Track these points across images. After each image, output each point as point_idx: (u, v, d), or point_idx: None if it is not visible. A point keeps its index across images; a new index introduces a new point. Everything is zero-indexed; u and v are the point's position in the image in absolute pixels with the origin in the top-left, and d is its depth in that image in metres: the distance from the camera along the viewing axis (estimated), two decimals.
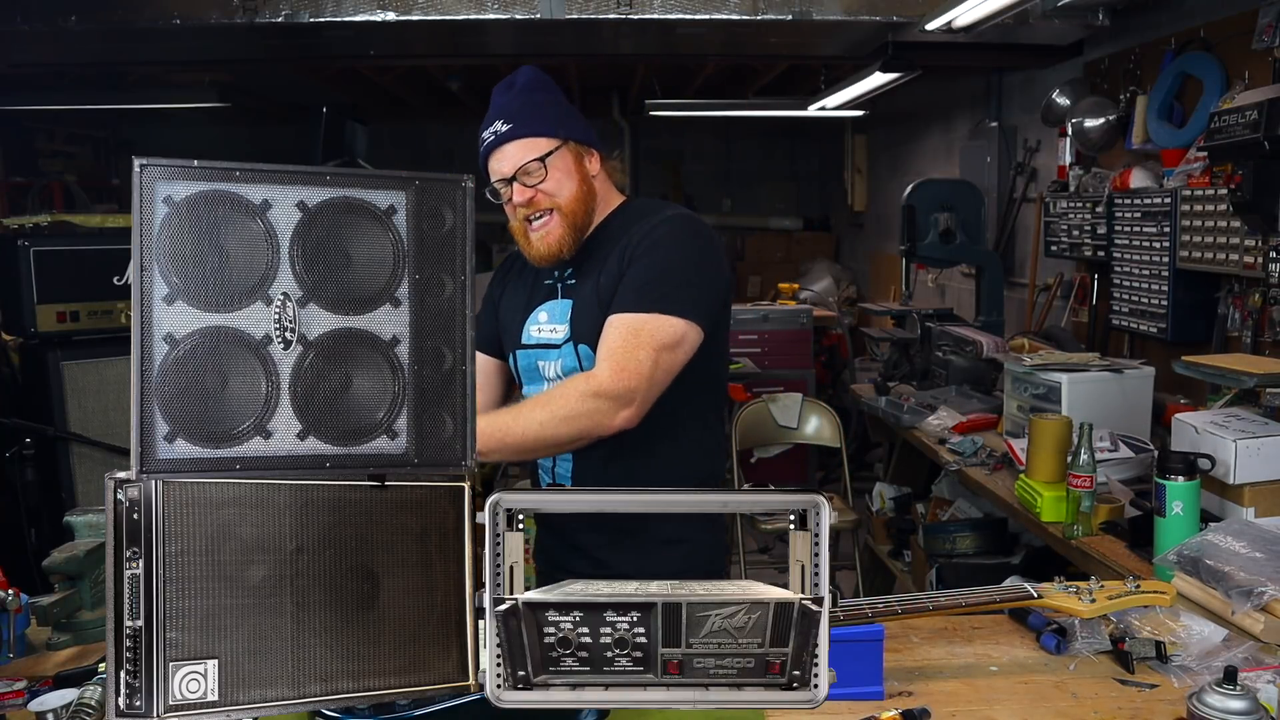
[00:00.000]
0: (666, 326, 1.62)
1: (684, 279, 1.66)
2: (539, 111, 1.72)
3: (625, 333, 1.62)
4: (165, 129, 8.02)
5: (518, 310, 1.84)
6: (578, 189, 1.72)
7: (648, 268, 1.65)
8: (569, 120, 1.75)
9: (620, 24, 3.64)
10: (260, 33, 3.72)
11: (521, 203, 1.70)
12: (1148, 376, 2.75)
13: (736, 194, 9.37)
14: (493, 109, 1.74)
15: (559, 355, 1.75)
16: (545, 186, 1.70)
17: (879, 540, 3.99)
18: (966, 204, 4.31)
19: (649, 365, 1.59)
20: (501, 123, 1.71)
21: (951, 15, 3.38)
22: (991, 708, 1.35)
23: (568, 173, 1.72)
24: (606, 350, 1.62)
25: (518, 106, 1.72)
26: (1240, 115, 2.44)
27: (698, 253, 1.70)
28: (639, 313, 1.62)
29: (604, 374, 1.58)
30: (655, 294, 1.63)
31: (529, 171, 1.69)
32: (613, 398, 1.56)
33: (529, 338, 1.80)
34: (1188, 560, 1.72)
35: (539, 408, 1.59)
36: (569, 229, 1.72)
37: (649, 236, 1.69)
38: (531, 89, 1.74)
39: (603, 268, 1.72)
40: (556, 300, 1.78)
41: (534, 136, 1.70)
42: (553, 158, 1.70)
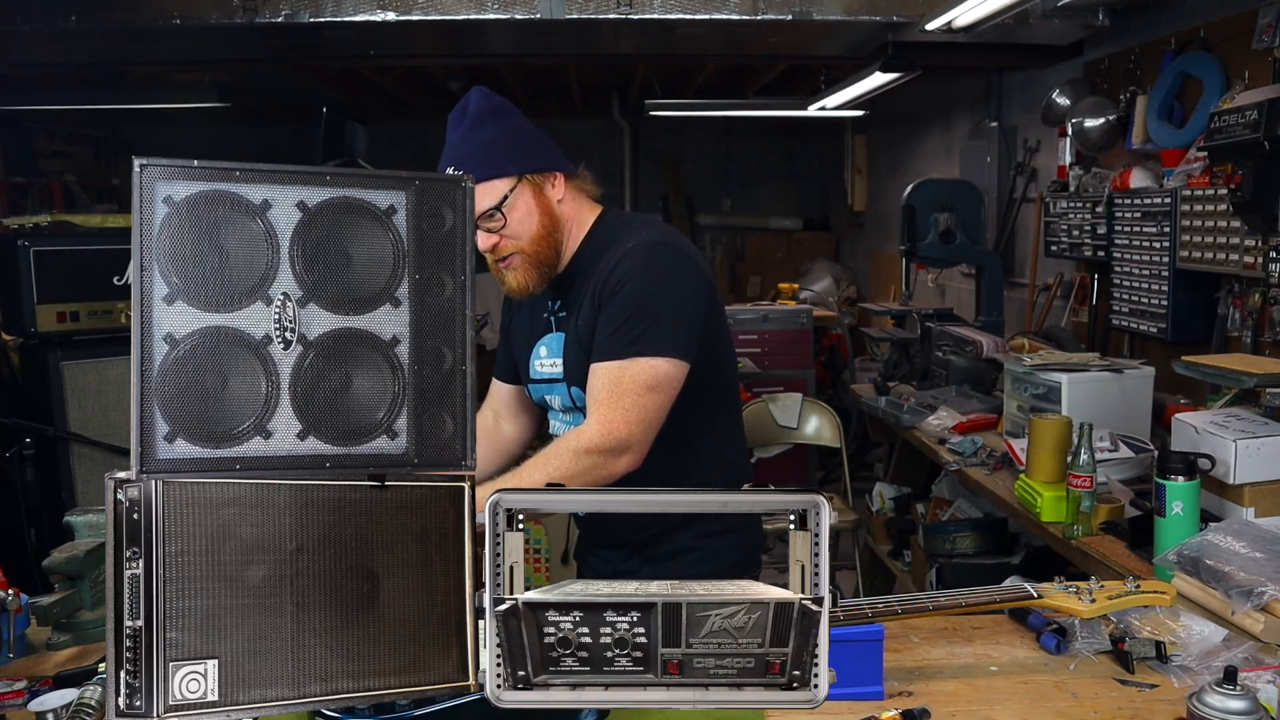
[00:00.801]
0: (646, 370, 1.60)
1: (656, 316, 1.62)
2: (489, 151, 1.66)
3: (608, 382, 1.61)
4: (165, 129, 8.03)
5: (523, 343, 1.85)
6: (539, 226, 1.68)
7: (619, 311, 1.63)
8: (522, 150, 1.69)
9: (620, 24, 3.64)
10: (260, 33, 3.72)
11: (486, 249, 1.68)
12: (1148, 376, 2.75)
13: (736, 194, 9.37)
14: (447, 147, 1.69)
15: (559, 391, 1.77)
16: (506, 231, 1.67)
17: (879, 540, 3.99)
18: (966, 204, 4.30)
19: (636, 411, 1.59)
20: (452, 169, 1.65)
21: (951, 15, 3.38)
22: (991, 708, 1.35)
23: (528, 211, 1.67)
24: (592, 403, 1.63)
25: (469, 149, 1.66)
26: (1240, 115, 2.44)
27: (664, 285, 1.65)
28: (617, 359, 1.61)
29: (592, 430, 1.59)
30: (629, 337, 1.61)
31: (488, 217, 1.65)
32: (605, 451, 1.58)
33: (535, 372, 1.81)
34: (1188, 560, 1.72)
35: (537, 470, 1.59)
36: (535, 267, 1.70)
37: (614, 274, 1.65)
38: (480, 122, 1.68)
39: (580, 305, 1.71)
40: (552, 333, 1.79)
41: (487, 180, 1.64)
42: (509, 201, 1.65)
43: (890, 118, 7.00)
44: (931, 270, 5.47)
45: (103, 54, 4.34)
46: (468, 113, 1.68)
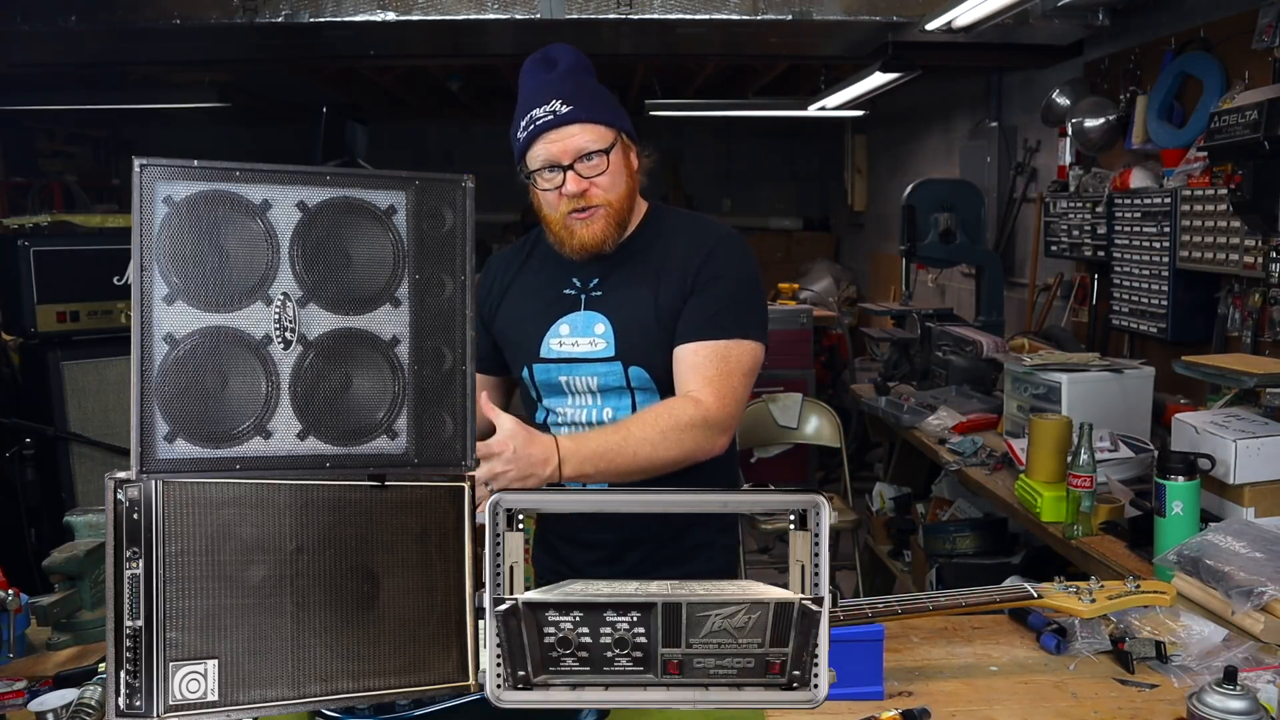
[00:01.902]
0: (748, 352, 1.63)
1: (751, 303, 1.67)
2: (598, 97, 1.62)
3: (716, 360, 1.60)
4: (165, 129, 8.03)
5: (530, 320, 1.74)
6: (626, 187, 1.65)
7: (721, 293, 1.63)
8: (620, 110, 1.66)
9: (620, 24, 3.64)
10: (260, 33, 3.72)
11: (574, 193, 1.60)
12: (1148, 376, 2.75)
13: (736, 194, 9.37)
14: (539, 86, 1.61)
15: (598, 371, 1.68)
16: (602, 181, 1.60)
17: (879, 540, 3.99)
18: (966, 204, 4.30)
19: (742, 391, 1.61)
20: (560, 103, 1.57)
21: (951, 15, 3.38)
22: (991, 708, 1.35)
23: (622, 168, 1.63)
24: (703, 377, 1.59)
25: (573, 87, 1.60)
26: (1240, 115, 2.44)
27: (755, 273, 1.71)
28: (722, 339, 1.61)
29: (711, 402, 1.57)
30: (730, 319, 1.62)
31: (590, 162, 1.59)
32: (716, 425, 1.57)
33: (550, 351, 1.71)
34: (1188, 560, 1.72)
35: (648, 427, 1.53)
36: (614, 226, 1.64)
37: (714, 259, 1.65)
38: (581, 71, 1.63)
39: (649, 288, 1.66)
40: (580, 313, 1.70)
41: (597, 124, 1.59)
42: (614, 151, 1.61)
43: (890, 118, 7.00)
44: (931, 270, 5.47)
45: (103, 54, 4.34)
46: (561, 59, 1.63)
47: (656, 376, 1.66)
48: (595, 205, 1.61)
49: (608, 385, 1.68)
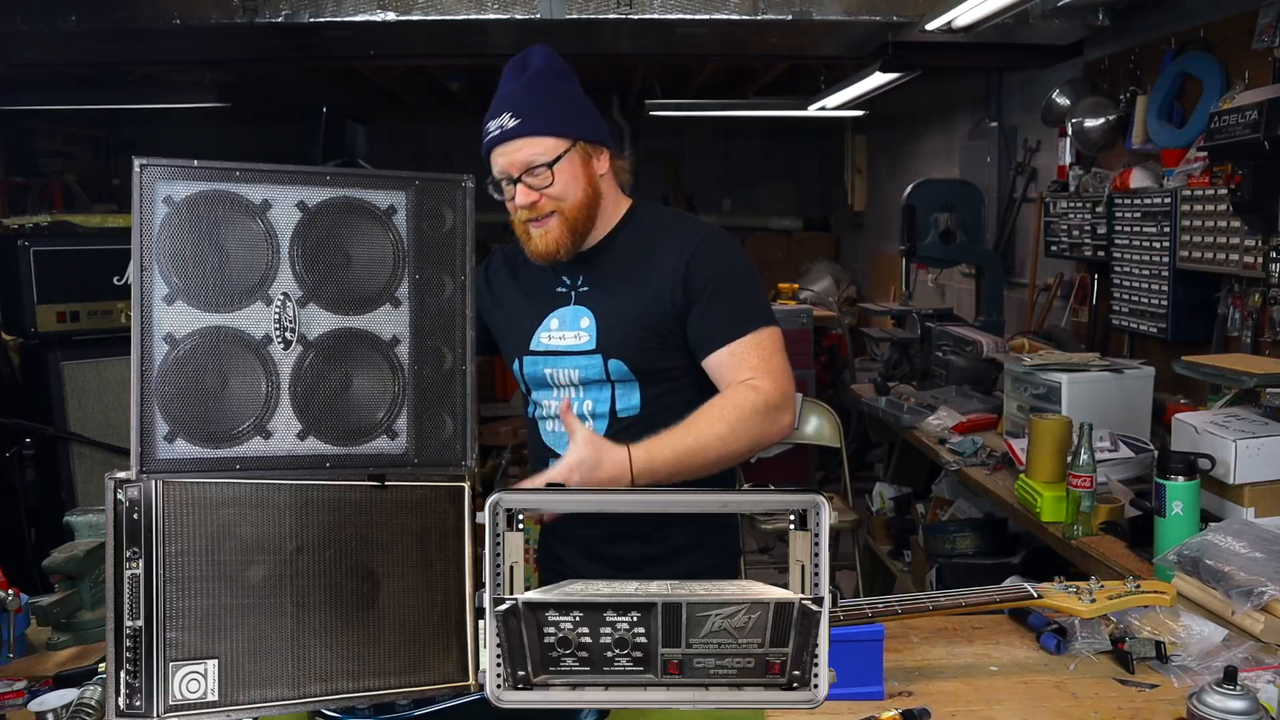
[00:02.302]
0: (775, 335, 1.70)
1: (756, 293, 1.73)
2: (550, 107, 1.65)
3: (756, 349, 1.66)
4: (165, 129, 8.01)
5: (524, 316, 1.79)
6: (583, 194, 1.68)
7: (729, 295, 1.69)
8: (580, 116, 1.69)
9: (620, 24, 3.64)
10: (260, 33, 3.72)
11: (524, 205, 1.66)
12: (1148, 376, 2.75)
13: (736, 194, 9.37)
14: (501, 94, 1.67)
15: (579, 364, 1.72)
16: (550, 191, 1.65)
17: (879, 540, 3.99)
18: (966, 204, 4.30)
19: (786, 370, 1.68)
20: (510, 116, 1.63)
21: (951, 15, 3.38)
22: (991, 708, 1.35)
23: (574, 176, 1.67)
24: (750, 367, 1.65)
25: (528, 100, 1.64)
26: (1240, 115, 2.44)
27: (747, 264, 1.76)
28: (748, 334, 1.67)
29: (768, 385, 1.63)
30: (746, 315, 1.68)
31: (535, 174, 1.64)
32: (779, 405, 1.63)
33: (538, 344, 1.76)
34: (1188, 560, 1.72)
35: (717, 421, 1.58)
36: (569, 232, 1.68)
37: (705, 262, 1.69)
38: (544, 76, 1.67)
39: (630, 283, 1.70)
40: (569, 307, 1.75)
41: (542, 136, 1.63)
42: (560, 162, 1.64)
43: (890, 118, 7.00)
44: (931, 270, 5.47)
45: (103, 54, 4.33)
46: (530, 65, 1.68)
47: (635, 368, 1.69)
48: (547, 214, 1.66)
49: (588, 378, 1.72)
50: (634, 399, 1.71)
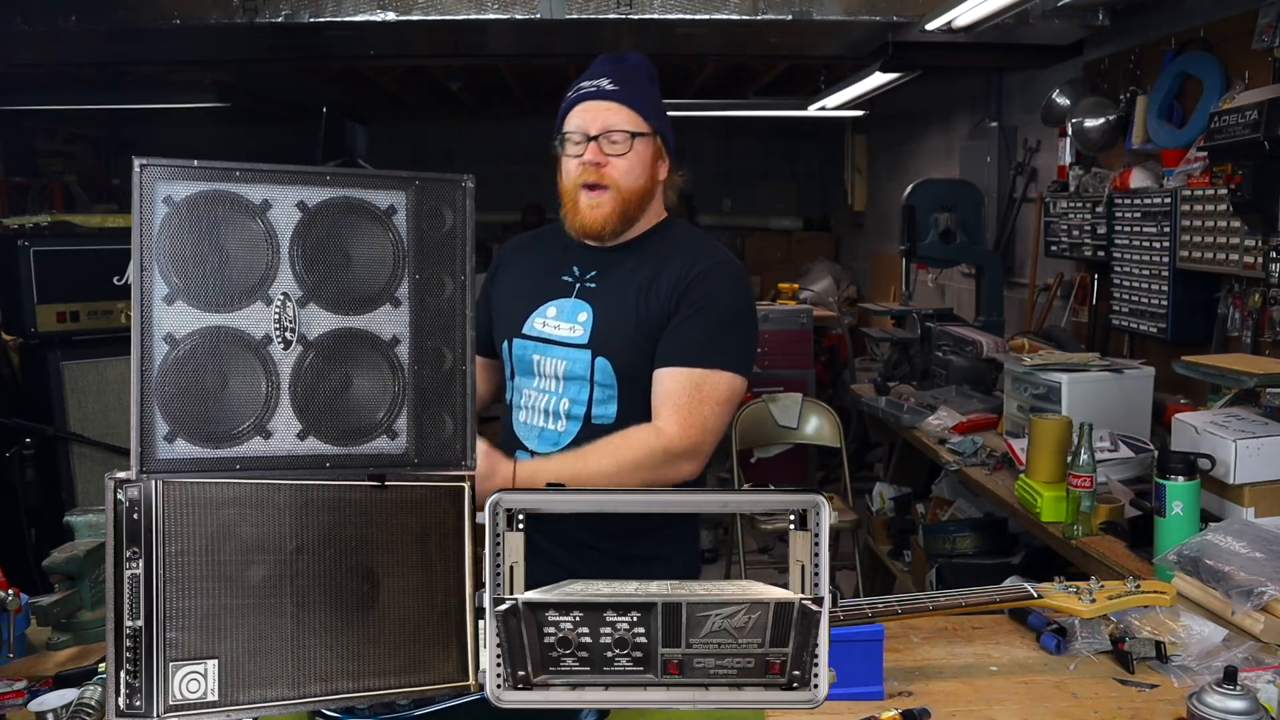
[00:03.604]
0: (724, 383, 1.65)
1: (736, 334, 1.70)
2: (646, 93, 1.72)
3: (689, 388, 1.63)
4: (165, 129, 8.02)
5: (523, 297, 1.79)
6: (643, 183, 1.71)
7: (705, 321, 1.66)
8: (664, 119, 1.75)
9: (620, 24, 3.64)
10: (260, 33, 3.72)
11: (590, 162, 1.67)
12: (1148, 376, 2.75)
13: (736, 194, 9.37)
14: (598, 67, 1.73)
15: (568, 357, 1.71)
16: (619, 163, 1.67)
17: (879, 540, 3.99)
18: (966, 204, 4.30)
19: (713, 420, 1.63)
20: (608, 81, 1.69)
21: (951, 15, 3.38)
22: (991, 708, 1.35)
23: (643, 162, 1.70)
24: (672, 405, 1.63)
25: (628, 77, 1.70)
26: (1240, 115, 2.44)
27: (745, 306, 1.74)
28: (698, 367, 1.64)
29: (673, 431, 1.60)
30: (712, 349, 1.65)
31: (614, 139, 1.67)
32: (680, 454, 1.61)
33: (531, 329, 1.76)
34: (1188, 560, 1.72)
35: (606, 458, 1.58)
36: (619, 213, 1.70)
37: (703, 283, 1.68)
38: (643, 71, 1.74)
39: (637, 288, 1.70)
40: (570, 299, 1.75)
41: (634, 111, 1.68)
42: (640, 140, 1.68)
43: (890, 118, 7.00)
44: (931, 270, 5.47)
45: (103, 54, 4.34)
46: (629, 59, 1.74)
47: (619, 370, 1.69)
48: (605, 186, 1.67)
49: (572, 373, 1.71)
50: (611, 408, 1.70)
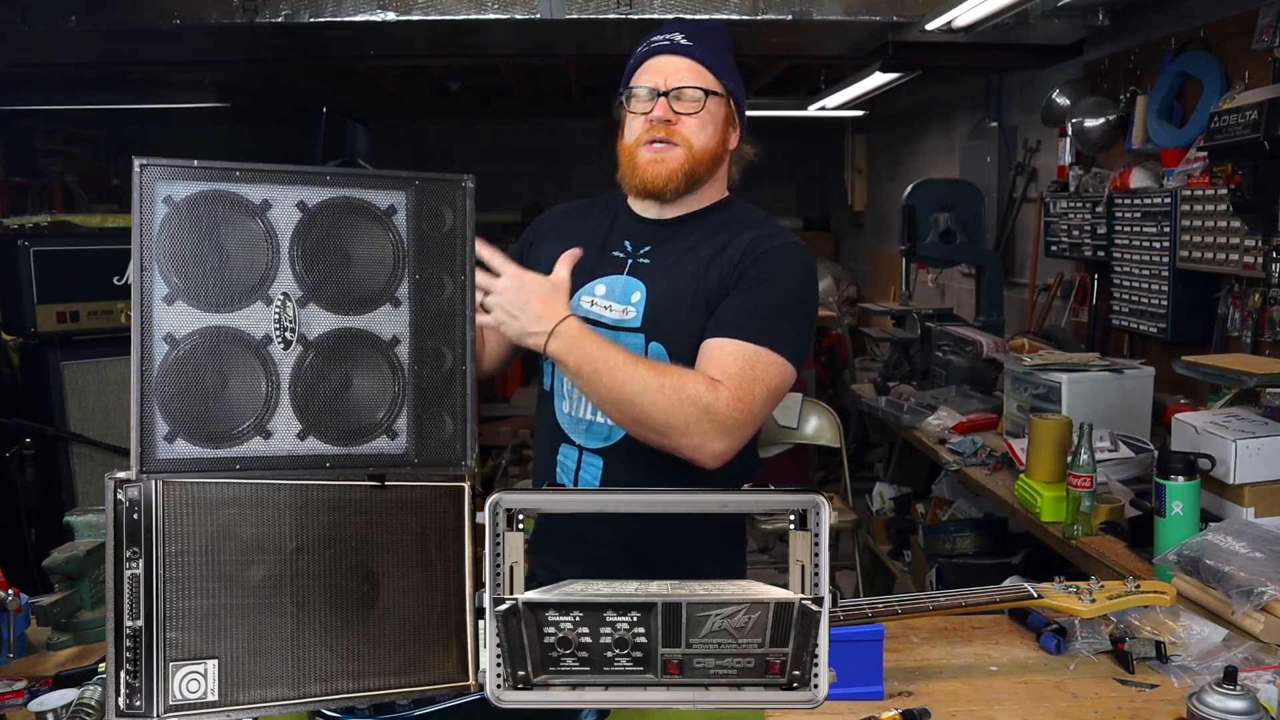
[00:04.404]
0: (777, 368, 1.50)
1: (797, 319, 1.55)
2: (721, 54, 1.62)
3: (743, 361, 1.47)
4: (165, 129, 8.02)
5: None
6: (712, 145, 1.61)
7: (767, 298, 1.53)
8: (739, 83, 1.65)
9: (620, 24, 3.64)
10: (260, 33, 3.72)
11: (659, 119, 1.56)
12: (1148, 376, 2.75)
13: (736, 194, 9.35)
14: (671, 25, 1.64)
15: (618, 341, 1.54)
16: (689, 122, 1.57)
17: (879, 540, 3.99)
18: (966, 204, 4.30)
19: (760, 405, 1.47)
20: (682, 37, 1.59)
21: (951, 15, 3.38)
22: (991, 708, 1.35)
23: (715, 123, 1.60)
24: (724, 372, 1.46)
25: (703, 36, 1.61)
26: (1240, 115, 2.43)
27: (810, 295, 1.61)
28: (754, 343, 1.48)
29: (727, 397, 1.43)
30: (772, 329, 1.50)
31: (684, 97, 1.57)
32: (721, 424, 1.42)
33: (578, 308, 1.59)
34: (1188, 560, 1.72)
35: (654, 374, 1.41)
36: (685, 172, 1.59)
37: (769, 259, 1.56)
38: (720, 34, 1.65)
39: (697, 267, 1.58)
40: (621, 276, 1.63)
41: (708, 68, 1.59)
42: (714, 99, 1.59)
43: (890, 118, 7.00)
44: (931, 270, 5.47)
45: (103, 54, 4.33)
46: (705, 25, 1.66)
47: (675, 357, 1.56)
48: (674, 143, 1.57)
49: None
50: None
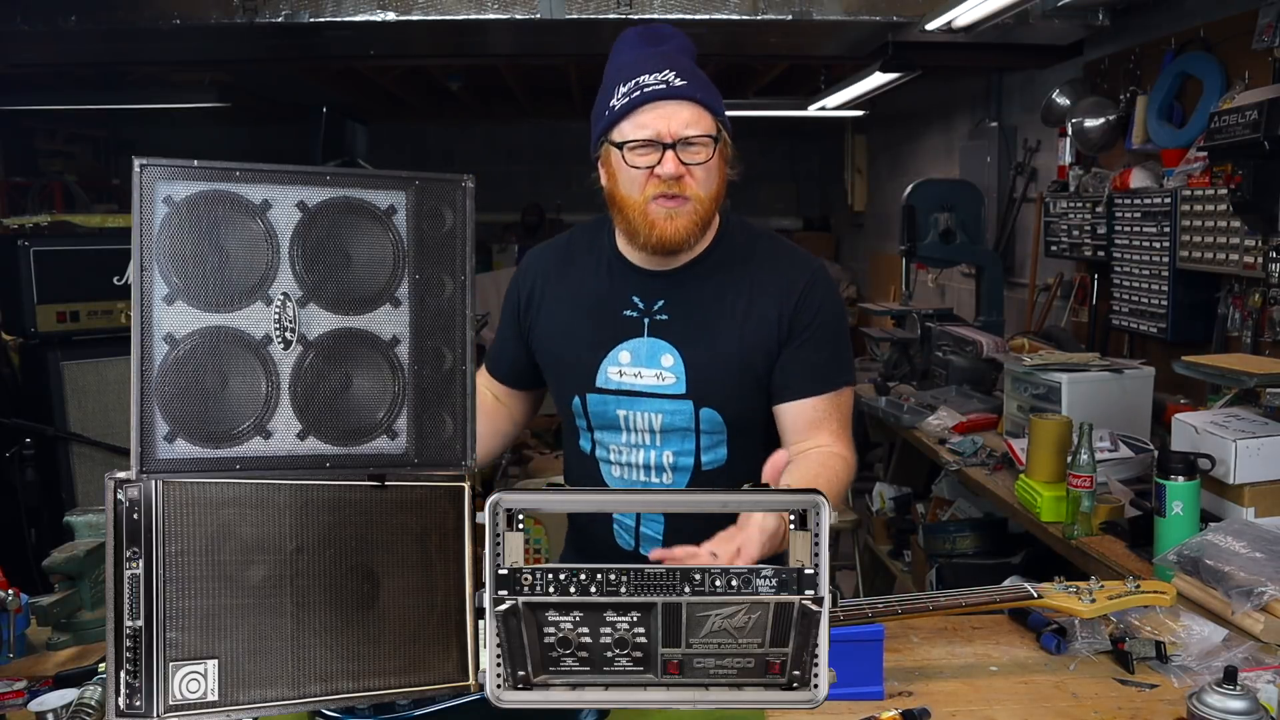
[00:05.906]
0: (848, 397, 1.60)
1: (847, 340, 1.61)
2: (709, 87, 1.47)
3: (836, 413, 1.56)
4: (165, 129, 8.02)
5: (581, 343, 1.57)
6: (717, 189, 1.49)
7: (823, 342, 1.55)
8: (723, 105, 1.50)
9: (620, 24, 3.63)
10: (260, 33, 3.72)
11: (669, 175, 1.43)
12: (1148, 376, 2.75)
13: (736, 194, 9.24)
14: (649, 56, 1.46)
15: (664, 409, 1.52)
16: (698, 173, 1.44)
17: (879, 540, 3.99)
18: (966, 204, 4.31)
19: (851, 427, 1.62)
20: (674, 75, 1.42)
21: (951, 15, 3.38)
22: (991, 708, 1.35)
23: (719, 167, 1.48)
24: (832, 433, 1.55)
25: (688, 68, 1.45)
26: (1240, 115, 2.44)
27: (843, 310, 1.65)
28: (831, 391, 1.55)
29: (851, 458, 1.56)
30: (837, 368, 1.57)
31: (693, 145, 1.43)
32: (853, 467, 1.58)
33: (607, 381, 1.54)
34: (1188, 560, 1.72)
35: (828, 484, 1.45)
36: (698, 225, 1.48)
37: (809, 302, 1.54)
38: (689, 52, 1.50)
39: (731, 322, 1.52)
40: (642, 339, 1.53)
41: (706, 110, 1.44)
42: (719, 145, 1.46)
43: (890, 118, 7.00)
44: (931, 270, 5.47)
45: (103, 54, 4.34)
46: (669, 37, 1.50)
47: (729, 419, 1.53)
48: (685, 196, 1.45)
49: (673, 425, 1.53)
50: (721, 452, 1.55)
